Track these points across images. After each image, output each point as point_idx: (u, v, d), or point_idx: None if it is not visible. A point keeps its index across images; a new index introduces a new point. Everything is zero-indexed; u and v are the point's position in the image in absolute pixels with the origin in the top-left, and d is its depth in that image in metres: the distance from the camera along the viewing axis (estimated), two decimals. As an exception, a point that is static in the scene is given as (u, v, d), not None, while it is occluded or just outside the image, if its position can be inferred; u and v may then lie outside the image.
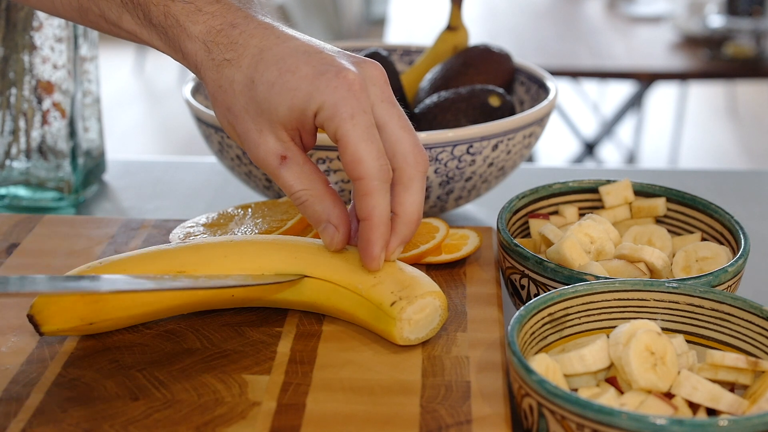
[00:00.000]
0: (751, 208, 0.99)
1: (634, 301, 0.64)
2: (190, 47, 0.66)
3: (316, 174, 0.66)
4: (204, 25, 0.65)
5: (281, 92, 0.63)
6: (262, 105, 0.64)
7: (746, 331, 0.62)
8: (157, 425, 0.58)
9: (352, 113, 0.63)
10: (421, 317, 0.65)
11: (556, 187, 0.79)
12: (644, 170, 1.26)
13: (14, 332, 0.67)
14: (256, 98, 0.64)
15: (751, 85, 4.33)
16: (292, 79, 0.63)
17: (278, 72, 0.64)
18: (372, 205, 0.64)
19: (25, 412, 0.59)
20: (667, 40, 2.70)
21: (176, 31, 0.66)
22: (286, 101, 0.63)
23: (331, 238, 0.67)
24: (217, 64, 0.65)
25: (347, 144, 0.63)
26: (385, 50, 0.97)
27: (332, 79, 0.63)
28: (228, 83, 0.65)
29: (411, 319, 0.64)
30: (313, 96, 0.63)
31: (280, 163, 0.65)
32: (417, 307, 0.64)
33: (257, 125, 0.65)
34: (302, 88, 0.63)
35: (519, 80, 0.99)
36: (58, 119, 0.93)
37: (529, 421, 0.57)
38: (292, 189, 0.66)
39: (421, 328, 0.65)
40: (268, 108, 0.64)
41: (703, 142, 4.03)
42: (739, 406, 0.56)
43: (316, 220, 0.67)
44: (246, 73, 0.64)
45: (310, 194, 0.66)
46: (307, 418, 0.58)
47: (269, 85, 0.64)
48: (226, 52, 0.65)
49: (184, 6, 0.66)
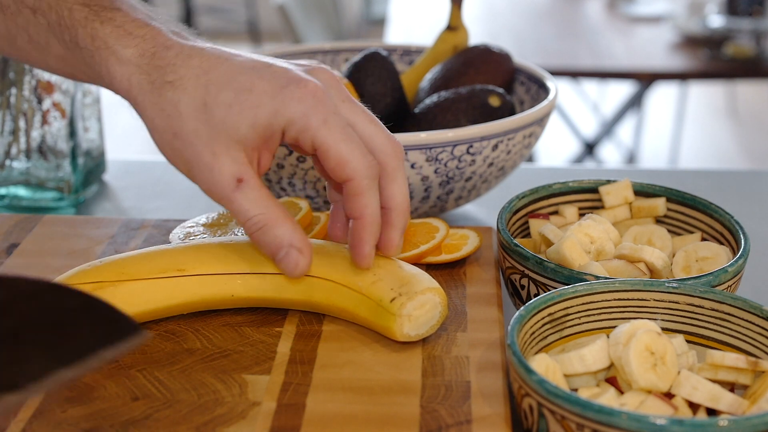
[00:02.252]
0: (751, 208, 0.99)
1: (634, 301, 0.64)
2: (120, 71, 0.63)
3: (271, 198, 0.64)
4: (136, 49, 0.63)
5: (242, 111, 0.62)
6: (218, 127, 0.62)
7: (746, 331, 0.62)
8: (157, 425, 0.58)
9: (324, 119, 0.62)
10: (421, 313, 0.65)
11: (556, 187, 0.79)
12: (644, 170, 1.26)
13: (14, 332, 0.67)
14: (211, 121, 0.62)
15: (751, 85, 4.33)
16: (250, 97, 0.62)
17: (234, 92, 0.62)
18: (364, 203, 0.64)
19: (25, 412, 0.59)
20: (667, 40, 2.70)
21: (104, 54, 0.63)
22: (248, 119, 0.62)
23: (295, 263, 0.64)
24: (157, 87, 0.63)
25: (329, 149, 0.62)
26: (385, 50, 0.97)
27: (295, 91, 0.62)
28: (172, 107, 0.62)
29: (411, 315, 0.64)
30: (280, 111, 0.62)
31: (236, 186, 0.62)
32: (417, 303, 0.64)
33: (210, 148, 0.62)
34: (265, 105, 0.62)
35: (519, 80, 0.99)
36: (58, 119, 0.93)
37: (529, 421, 0.57)
38: (248, 214, 0.63)
39: (421, 325, 0.65)
40: (226, 129, 0.62)
41: (703, 142, 4.03)
42: (739, 406, 0.56)
43: (276, 246, 0.64)
44: (194, 96, 0.62)
45: (268, 218, 0.63)
46: (307, 418, 0.58)
47: (226, 106, 0.62)
48: (166, 75, 0.62)
49: (113, 29, 0.63)
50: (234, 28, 5.03)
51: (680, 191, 0.78)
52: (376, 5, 5.06)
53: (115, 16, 0.64)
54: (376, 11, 5.03)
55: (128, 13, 0.65)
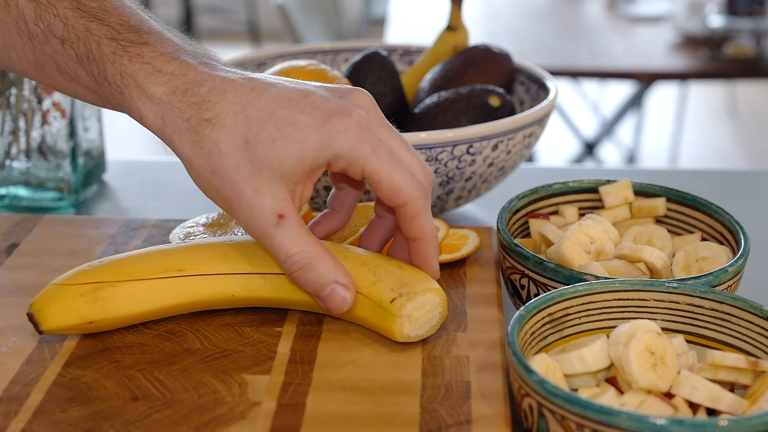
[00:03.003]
0: (751, 208, 0.99)
1: (634, 301, 0.64)
2: (153, 110, 0.63)
3: (311, 234, 0.63)
4: (166, 86, 0.62)
5: (286, 146, 0.61)
6: (262, 162, 0.61)
7: (746, 331, 0.62)
8: (157, 425, 0.58)
9: (372, 148, 0.62)
10: (421, 314, 0.65)
11: (556, 187, 0.79)
12: (644, 170, 1.26)
13: (14, 332, 0.67)
14: (254, 157, 0.61)
15: (751, 85, 4.33)
16: (294, 132, 0.61)
17: (275, 127, 0.61)
18: (421, 224, 0.65)
19: (25, 412, 0.59)
20: (667, 40, 2.70)
21: (134, 92, 0.63)
22: (294, 154, 0.61)
23: (342, 299, 0.63)
24: (193, 126, 0.62)
25: (381, 178, 0.62)
26: (385, 50, 0.97)
27: (339, 123, 0.61)
28: (211, 145, 0.62)
29: (411, 316, 0.64)
30: (327, 144, 0.61)
31: (277, 223, 0.62)
32: (417, 303, 0.64)
33: (251, 185, 0.61)
34: (311, 138, 0.61)
35: (519, 80, 0.99)
36: (58, 119, 0.93)
37: (529, 421, 0.57)
38: (290, 252, 0.62)
39: (421, 325, 0.65)
40: (270, 164, 0.61)
41: (703, 142, 4.03)
42: (739, 406, 0.56)
43: (320, 284, 0.63)
44: (234, 133, 0.61)
45: (309, 256, 0.62)
46: (307, 418, 0.58)
47: (269, 141, 0.61)
48: (202, 112, 0.62)
49: (141, 66, 0.63)
50: (234, 28, 5.03)
51: (680, 191, 0.78)
52: (376, 5, 5.06)
53: (143, 51, 0.63)
54: (376, 11, 5.02)
55: (156, 47, 0.63)
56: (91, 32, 0.64)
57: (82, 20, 0.64)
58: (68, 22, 0.64)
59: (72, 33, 0.64)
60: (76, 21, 0.64)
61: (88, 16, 0.64)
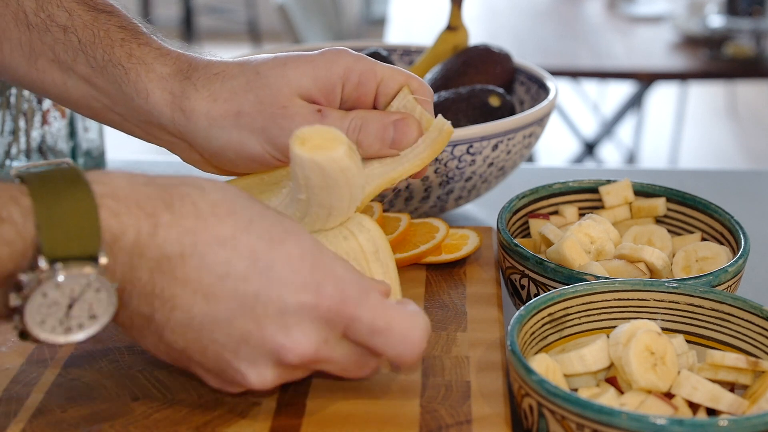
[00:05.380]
0: (751, 208, 0.99)
1: (634, 301, 0.64)
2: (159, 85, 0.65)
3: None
4: (172, 67, 0.66)
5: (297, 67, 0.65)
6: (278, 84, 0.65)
7: (746, 331, 0.62)
8: (157, 425, 0.58)
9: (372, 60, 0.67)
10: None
11: (556, 187, 0.79)
12: (644, 170, 1.26)
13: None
14: (269, 82, 0.65)
15: (751, 85, 4.33)
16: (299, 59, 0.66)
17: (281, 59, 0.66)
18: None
19: (25, 412, 0.59)
20: (667, 40, 2.70)
21: (140, 71, 0.66)
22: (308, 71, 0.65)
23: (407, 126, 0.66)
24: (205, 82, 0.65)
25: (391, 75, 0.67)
26: (385, 50, 0.97)
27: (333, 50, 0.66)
28: (227, 92, 0.65)
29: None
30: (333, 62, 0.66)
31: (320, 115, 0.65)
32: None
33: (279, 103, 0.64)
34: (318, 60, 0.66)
35: (519, 80, 0.99)
36: (58, 119, 0.93)
37: (529, 421, 0.57)
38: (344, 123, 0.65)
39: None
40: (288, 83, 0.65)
41: (703, 142, 4.03)
42: (739, 406, 0.56)
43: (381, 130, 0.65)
44: (244, 72, 0.65)
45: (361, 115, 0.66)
46: (307, 418, 0.58)
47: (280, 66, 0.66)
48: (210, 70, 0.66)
49: (150, 50, 0.66)
50: (234, 28, 5.03)
51: (680, 191, 0.78)
52: (376, 5, 5.06)
53: (151, 41, 0.67)
54: (376, 11, 5.02)
55: (162, 40, 0.68)
56: (99, 21, 0.66)
57: (91, 12, 0.67)
58: (74, 12, 0.67)
59: (78, 21, 0.66)
60: (84, 12, 0.67)
61: (96, 10, 0.67)
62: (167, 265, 0.52)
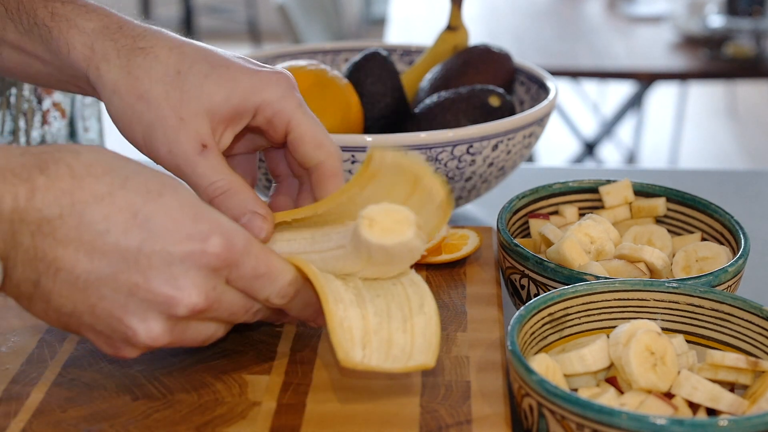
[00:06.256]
0: (751, 208, 0.99)
1: (634, 301, 0.64)
2: (81, 40, 0.64)
3: (229, 167, 0.64)
4: (99, 23, 0.64)
5: (218, 82, 0.63)
6: (190, 93, 0.63)
7: (746, 331, 0.62)
8: (157, 425, 0.58)
9: (299, 104, 0.65)
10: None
11: (556, 187, 0.79)
12: (644, 170, 1.26)
13: (14, 332, 0.67)
14: (184, 87, 0.63)
15: (751, 85, 4.33)
16: (227, 72, 0.64)
17: (209, 65, 0.64)
18: (338, 184, 0.65)
19: (25, 412, 0.59)
20: (667, 40, 2.70)
21: (64, 27, 0.64)
22: (224, 91, 0.63)
23: (260, 227, 0.63)
24: (125, 53, 0.64)
25: (306, 130, 0.65)
26: (385, 50, 0.97)
27: (271, 75, 0.64)
28: (143, 71, 0.63)
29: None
30: (258, 89, 0.64)
31: (201, 150, 0.63)
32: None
33: (177, 112, 0.63)
34: (243, 81, 0.64)
35: (519, 80, 0.99)
36: (58, 119, 0.93)
37: (529, 421, 0.57)
38: (212, 178, 0.63)
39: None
40: (199, 96, 0.63)
41: (703, 142, 4.02)
42: (739, 406, 0.56)
43: (239, 211, 0.63)
44: (167, 63, 0.63)
45: (230, 184, 0.63)
46: (307, 418, 0.58)
47: (202, 75, 0.63)
48: (137, 42, 0.64)
49: (74, 7, 0.65)
50: (234, 28, 5.03)
51: (680, 191, 0.78)
52: (376, 5, 5.06)
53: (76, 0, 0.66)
54: (376, 11, 5.02)
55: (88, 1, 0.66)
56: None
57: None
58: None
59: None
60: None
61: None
62: (47, 227, 0.53)
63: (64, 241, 0.53)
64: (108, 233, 0.53)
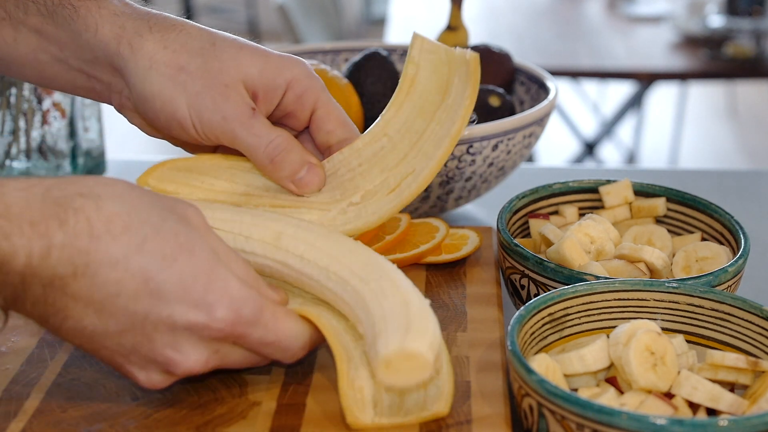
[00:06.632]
0: (751, 208, 0.99)
1: (634, 301, 0.64)
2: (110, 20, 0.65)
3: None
4: (126, 7, 0.66)
5: (252, 56, 0.65)
6: (228, 62, 0.65)
7: (746, 331, 0.62)
8: (157, 425, 0.58)
9: (323, 84, 0.67)
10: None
11: (556, 187, 0.79)
12: (644, 170, 1.26)
13: (14, 332, 0.67)
14: (221, 57, 0.65)
15: (751, 85, 4.33)
16: (258, 49, 0.66)
17: (239, 43, 0.66)
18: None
19: (25, 412, 0.59)
20: (667, 40, 2.70)
21: (91, 7, 0.65)
22: (258, 64, 0.66)
23: (318, 176, 0.67)
24: (159, 29, 0.65)
25: (332, 108, 0.68)
26: (385, 50, 0.97)
27: (294, 58, 0.67)
28: (179, 44, 0.65)
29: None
30: (288, 67, 0.66)
31: (252, 114, 0.65)
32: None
33: (222, 80, 0.64)
34: (274, 59, 0.66)
35: (519, 80, 0.99)
36: (58, 119, 0.93)
37: (529, 421, 0.57)
38: (270, 136, 0.65)
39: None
40: (237, 65, 0.65)
41: (703, 142, 4.02)
42: (739, 406, 0.56)
43: (298, 165, 0.66)
44: (200, 37, 0.65)
45: (288, 140, 0.66)
46: (307, 418, 0.58)
47: (236, 48, 0.66)
48: (167, 20, 0.66)
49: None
50: (234, 28, 5.02)
51: (680, 191, 0.78)
52: (376, 5, 5.06)
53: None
54: (376, 11, 5.03)
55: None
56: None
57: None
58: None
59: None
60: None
61: None
62: (59, 282, 0.53)
63: (75, 297, 0.53)
64: (118, 297, 0.53)
